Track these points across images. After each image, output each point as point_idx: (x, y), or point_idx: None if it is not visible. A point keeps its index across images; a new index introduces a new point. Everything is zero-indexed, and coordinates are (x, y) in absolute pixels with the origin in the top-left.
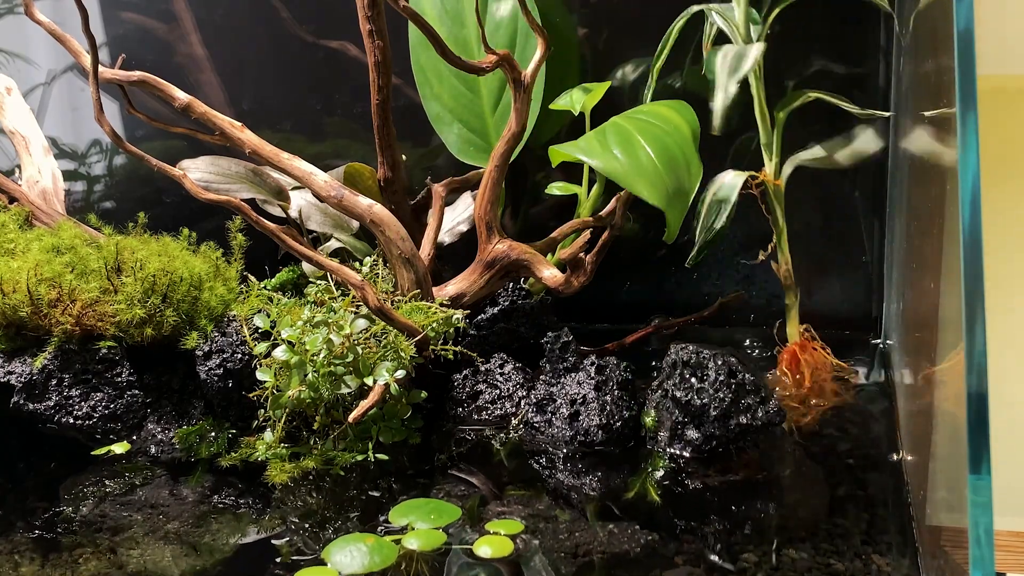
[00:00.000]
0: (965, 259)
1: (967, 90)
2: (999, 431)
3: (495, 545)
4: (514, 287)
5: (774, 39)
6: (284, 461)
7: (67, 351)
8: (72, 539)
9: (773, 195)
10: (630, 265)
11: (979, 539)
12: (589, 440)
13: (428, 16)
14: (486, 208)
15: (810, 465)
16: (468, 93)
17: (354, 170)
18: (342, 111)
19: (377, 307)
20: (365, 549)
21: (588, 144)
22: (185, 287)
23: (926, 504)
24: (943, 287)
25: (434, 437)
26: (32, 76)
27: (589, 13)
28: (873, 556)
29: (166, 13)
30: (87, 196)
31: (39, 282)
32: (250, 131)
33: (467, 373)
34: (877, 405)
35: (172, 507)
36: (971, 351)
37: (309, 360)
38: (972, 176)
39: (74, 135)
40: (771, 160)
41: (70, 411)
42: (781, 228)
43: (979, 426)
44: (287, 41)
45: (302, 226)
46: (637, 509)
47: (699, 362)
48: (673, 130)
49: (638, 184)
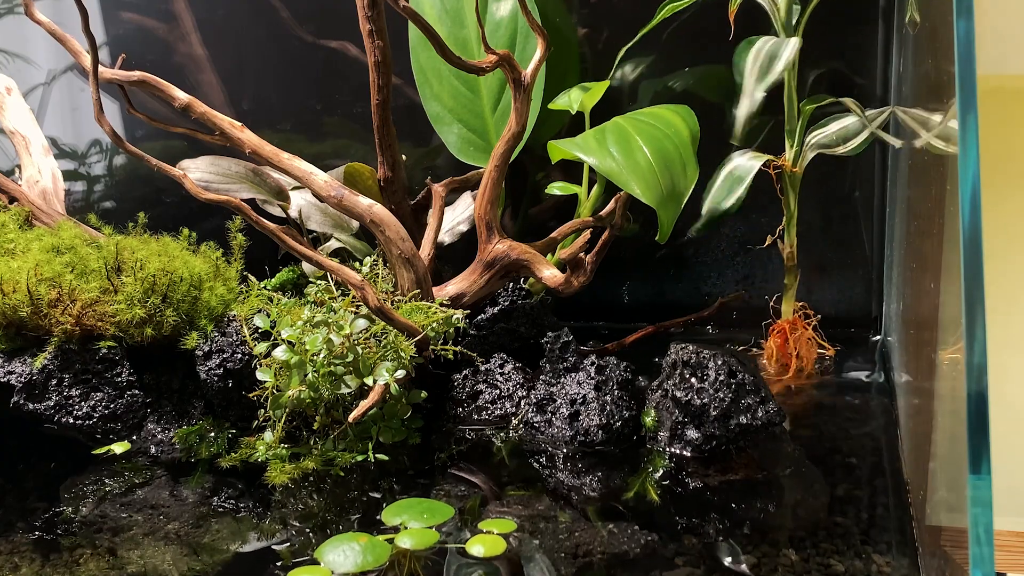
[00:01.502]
0: (965, 259)
1: (967, 90)
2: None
3: (488, 544)
4: (514, 287)
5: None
6: (284, 462)
7: (67, 351)
8: (72, 539)
9: (789, 181)
10: (630, 265)
11: (979, 539)
12: (589, 440)
13: (428, 16)
14: (486, 208)
15: (810, 465)
16: (468, 93)
17: (354, 170)
18: (342, 111)
19: (377, 307)
20: (358, 548)
21: (586, 142)
22: (185, 287)
23: (926, 504)
24: (943, 287)
25: (434, 437)
26: (32, 76)
27: (589, 13)
28: (873, 556)
29: (166, 13)
30: (87, 196)
31: (39, 282)
32: (250, 131)
33: (467, 373)
34: (877, 404)
35: (172, 508)
36: (971, 351)
37: (309, 360)
38: (972, 176)
39: (74, 135)
40: (792, 147)
41: (70, 411)
42: (792, 212)
43: (979, 426)
44: (287, 41)
45: (302, 226)
46: (637, 509)
47: (699, 362)
48: (673, 133)
49: (633, 183)
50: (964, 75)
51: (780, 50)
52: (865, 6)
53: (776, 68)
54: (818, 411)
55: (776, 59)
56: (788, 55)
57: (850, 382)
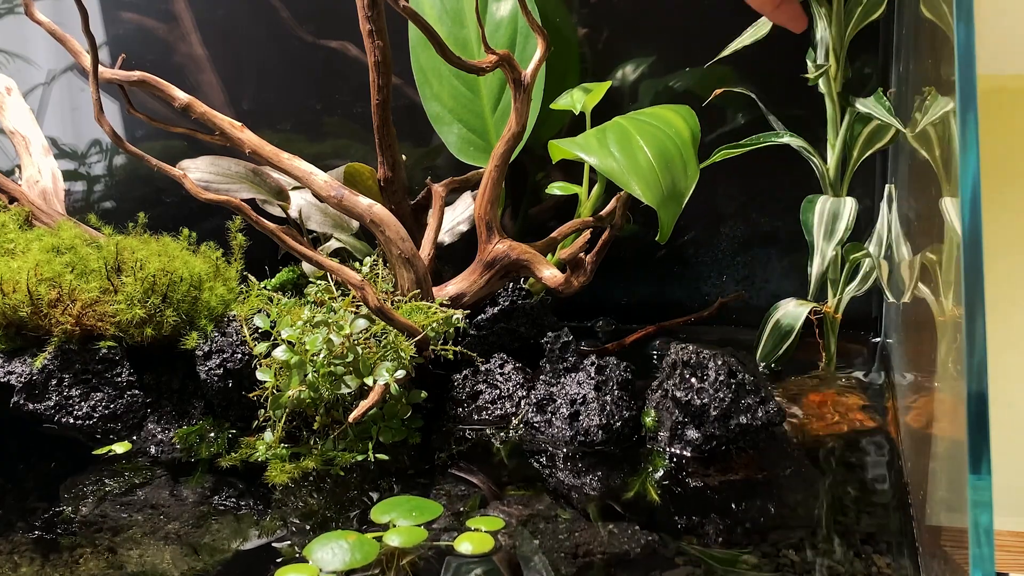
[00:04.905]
0: (965, 259)
1: (967, 90)
2: (999, 431)
3: (476, 541)
4: (514, 287)
5: None
6: (284, 461)
7: (67, 351)
8: (72, 539)
9: (829, 326)
10: (630, 265)
11: (979, 539)
12: (589, 440)
13: (428, 16)
14: (486, 208)
15: (809, 465)
16: (468, 93)
17: (354, 170)
18: (342, 111)
19: (377, 307)
20: (346, 546)
21: (587, 141)
22: (185, 287)
23: (926, 504)
24: (943, 287)
25: (434, 437)
26: (32, 76)
27: (589, 13)
28: (873, 556)
29: (166, 13)
30: (87, 196)
31: (39, 282)
32: (250, 131)
33: (467, 373)
34: (877, 404)
35: (172, 507)
36: (971, 351)
37: (309, 360)
38: (972, 176)
39: (74, 135)
40: (835, 296)
41: (70, 411)
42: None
43: (979, 426)
44: (287, 41)
45: (302, 226)
46: (636, 509)
47: (699, 362)
48: (674, 133)
49: (634, 183)
50: (964, 75)
51: (841, 210)
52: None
53: (839, 228)
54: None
55: (839, 218)
56: (848, 215)
57: (850, 382)
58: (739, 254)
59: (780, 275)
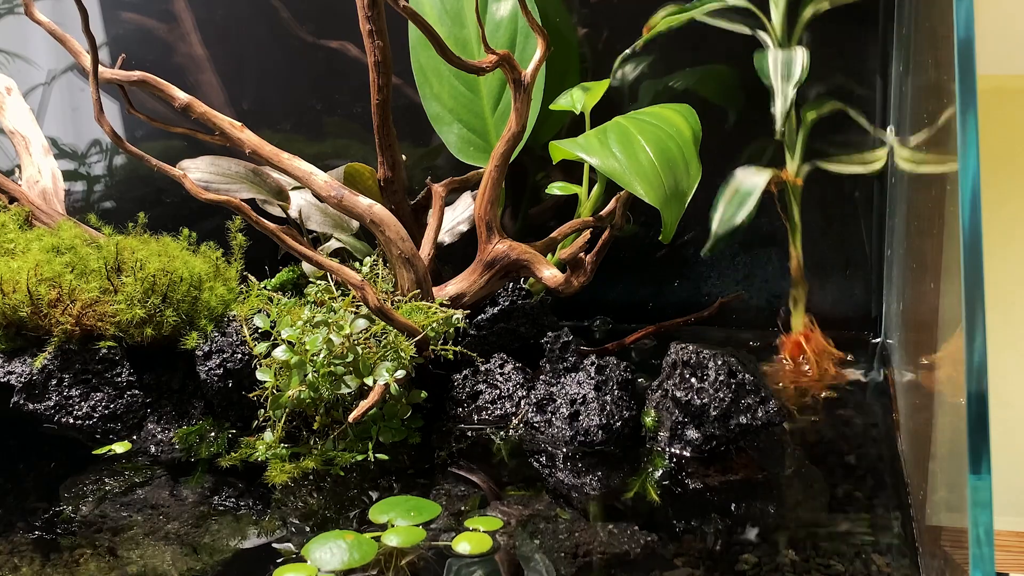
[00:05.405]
0: (965, 259)
1: (967, 90)
2: (999, 431)
3: (474, 541)
4: (514, 287)
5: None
6: (284, 461)
7: (67, 351)
8: (72, 539)
9: (791, 193)
10: (630, 265)
11: (979, 539)
12: (589, 440)
13: (428, 16)
14: (486, 208)
15: (810, 465)
16: (468, 93)
17: (354, 170)
18: (342, 111)
19: (377, 307)
20: (345, 546)
21: (588, 142)
22: (185, 287)
23: (926, 504)
24: (943, 287)
25: (434, 437)
26: (32, 76)
27: (589, 13)
28: (873, 556)
29: (166, 13)
30: (87, 196)
31: (39, 282)
32: (250, 131)
33: (467, 373)
34: (877, 404)
35: (172, 507)
36: (971, 351)
37: (309, 360)
38: (972, 176)
39: (74, 135)
40: (793, 159)
41: (70, 411)
42: (796, 225)
43: (979, 426)
44: (287, 41)
45: (302, 226)
46: (636, 509)
47: (699, 362)
48: (675, 132)
49: (635, 183)
50: (964, 75)
51: (792, 57)
52: (863, 12)
53: (795, 71)
54: (822, 397)
55: (792, 63)
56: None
57: (850, 382)
58: (739, 254)
59: (780, 275)
